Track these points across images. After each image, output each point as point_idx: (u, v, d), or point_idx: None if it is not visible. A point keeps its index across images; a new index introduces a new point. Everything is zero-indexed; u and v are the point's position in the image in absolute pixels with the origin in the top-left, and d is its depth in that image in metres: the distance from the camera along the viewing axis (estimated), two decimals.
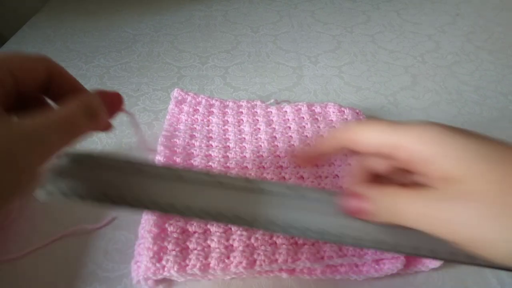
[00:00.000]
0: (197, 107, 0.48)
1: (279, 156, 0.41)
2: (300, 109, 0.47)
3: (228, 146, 0.42)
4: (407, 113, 0.51)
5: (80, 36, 0.72)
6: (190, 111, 0.47)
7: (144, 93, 0.55)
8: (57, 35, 0.73)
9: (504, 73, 0.60)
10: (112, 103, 0.25)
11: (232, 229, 0.33)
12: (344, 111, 0.47)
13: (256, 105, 0.49)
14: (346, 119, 0.46)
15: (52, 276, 0.32)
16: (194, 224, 0.33)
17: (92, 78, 0.59)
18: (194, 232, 0.32)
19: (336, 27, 0.76)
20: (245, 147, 0.42)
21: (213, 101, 0.49)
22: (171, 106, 0.48)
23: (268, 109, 0.48)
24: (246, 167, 0.39)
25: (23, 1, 0.96)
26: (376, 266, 0.31)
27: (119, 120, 0.53)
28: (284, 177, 0.38)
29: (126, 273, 0.32)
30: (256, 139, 0.43)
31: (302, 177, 0.38)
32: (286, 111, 0.47)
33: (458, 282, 0.31)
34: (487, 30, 0.73)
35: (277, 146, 0.42)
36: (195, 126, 0.45)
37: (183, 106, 0.48)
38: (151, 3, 0.87)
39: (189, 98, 0.49)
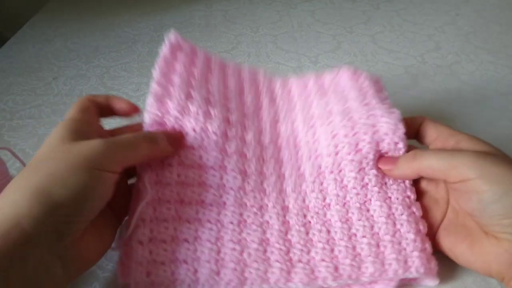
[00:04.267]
0: (194, 59, 0.38)
1: (280, 148, 0.35)
2: (307, 83, 0.39)
3: (228, 121, 0.34)
4: (407, 113, 0.51)
5: (80, 36, 0.72)
6: (187, 62, 0.37)
7: (144, 93, 0.55)
8: (57, 35, 0.73)
9: (504, 73, 0.60)
10: (174, 139, 0.32)
11: (225, 238, 0.30)
12: (358, 78, 0.37)
13: (258, 73, 0.41)
14: (362, 87, 0.37)
15: None
16: (184, 232, 0.30)
17: (92, 78, 0.59)
18: (185, 240, 0.30)
19: (336, 27, 0.75)
20: (246, 126, 0.35)
21: (213, 59, 0.40)
22: (165, 50, 0.37)
23: (272, 83, 0.41)
24: (245, 154, 0.34)
25: (23, 1, 0.96)
26: (368, 286, 0.30)
27: (119, 121, 0.53)
28: (284, 174, 0.34)
29: None
30: (258, 117, 0.37)
31: (303, 175, 0.34)
32: (290, 86, 0.40)
33: (458, 282, 0.31)
34: (487, 30, 0.73)
35: (279, 131, 0.36)
36: (191, 80, 0.35)
37: (178, 54, 0.38)
38: (151, 3, 0.87)
39: (186, 47, 0.39)
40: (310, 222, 0.31)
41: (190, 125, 0.32)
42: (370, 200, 0.32)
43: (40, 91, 0.57)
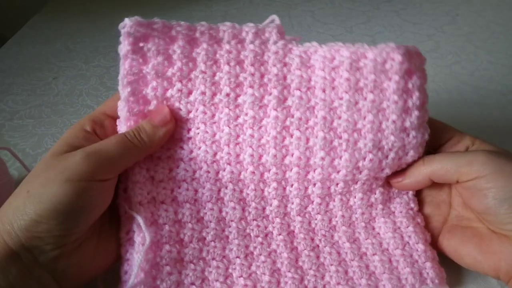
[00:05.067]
0: (170, 53, 0.29)
1: (286, 169, 0.30)
2: (339, 67, 0.28)
3: (219, 149, 0.30)
4: None
5: (80, 36, 0.72)
6: (160, 64, 0.29)
7: None
8: (57, 36, 0.73)
9: (504, 73, 0.60)
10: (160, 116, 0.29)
11: (234, 274, 0.29)
12: (408, 80, 0.28)
13: (267, 49, 0.29)
14: (409, 103, 0.28)
15: None
16: (190, 274, 0.29)
17: (92, 78, 0.59)
18: (191, 284, 0.29)
19: (336, 27, 0.75)
20: (242, 148, 0.30)
21: (199, 38, 0.29)
22: (125, 51, 0.30)
23: (286, 59, 0.30)
24: (242, 180, 0.30)
25: (23, 1, 0.96)
26: None
27: None
28: (287, 196, 0.31)
29: None
30: (260, 129, 0.29)
31: (309, 197, 0.31)
32: (313, 67, 0.29)
33: (458, 282, 0.31)
34: (487, 30, 0.73)
35: (288, 148, 0.29)
36: (168, 95, 0.29)
37: (147, 53, 0.29)
38: (151, 3, 0.87)
39: (155, 36, 0.30)
40: (318, 245, 0.30)
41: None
42: (375, 218, 0.31)
43: (40, 91, 0.57)
